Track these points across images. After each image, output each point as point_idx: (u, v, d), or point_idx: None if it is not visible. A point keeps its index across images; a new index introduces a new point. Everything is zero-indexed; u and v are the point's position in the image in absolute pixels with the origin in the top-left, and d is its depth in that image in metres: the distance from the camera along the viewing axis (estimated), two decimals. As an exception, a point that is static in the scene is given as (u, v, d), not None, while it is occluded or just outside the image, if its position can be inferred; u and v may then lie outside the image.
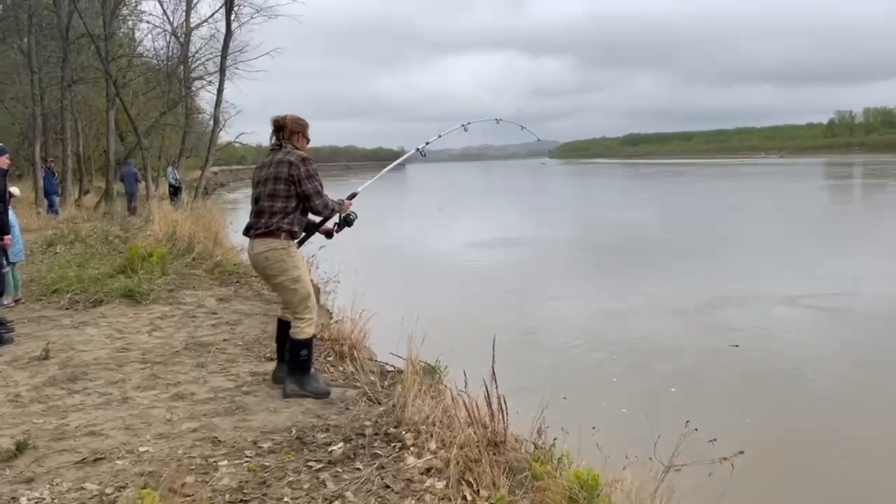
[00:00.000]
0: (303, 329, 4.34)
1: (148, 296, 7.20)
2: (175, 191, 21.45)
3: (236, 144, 36.20)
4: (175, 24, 24.36)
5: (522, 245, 19.49)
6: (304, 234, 4.55)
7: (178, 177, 21.99)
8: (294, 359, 4.36)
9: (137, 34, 27.81)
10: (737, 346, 8.78)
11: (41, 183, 17.16)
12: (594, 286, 13.57)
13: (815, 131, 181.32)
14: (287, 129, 4.37)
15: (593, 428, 3.85)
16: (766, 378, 7.75)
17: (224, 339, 5.71)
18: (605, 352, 8.83)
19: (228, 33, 20.07)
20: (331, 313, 8.54)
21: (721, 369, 8.09)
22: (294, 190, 4.25)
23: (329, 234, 4.75)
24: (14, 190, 8.30)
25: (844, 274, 13.62)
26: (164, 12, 23.87)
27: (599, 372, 8.06)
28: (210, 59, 24.14)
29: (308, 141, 4.53)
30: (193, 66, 24.89)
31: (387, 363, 5.71)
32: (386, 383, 5.21)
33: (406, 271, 15.28)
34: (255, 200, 4.37)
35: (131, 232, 13.69)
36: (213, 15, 23.17)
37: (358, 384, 4.78)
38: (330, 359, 5.20)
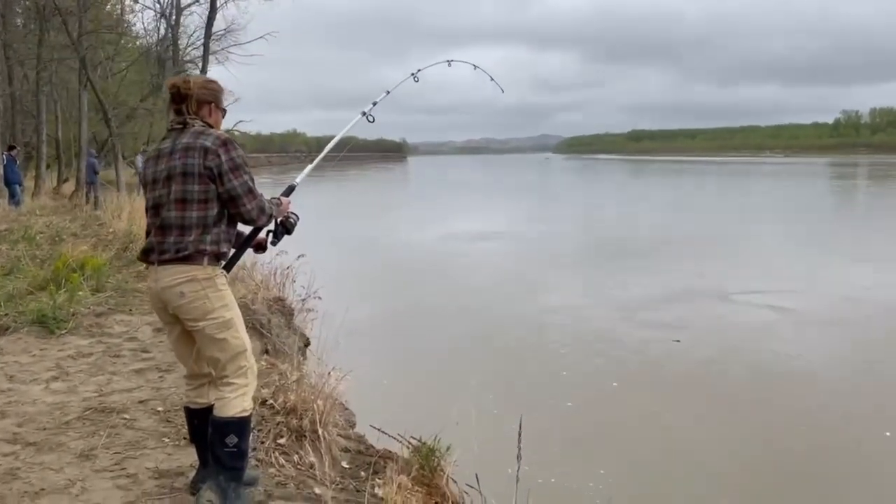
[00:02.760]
0: (231, 402, 2.76)
1: (66, 323, 5.61)
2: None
3: (236, 133, 34.91)
4: (164, 4, 22.84)
5: (507, 240, 20.15)
6: (231, 253, 2.96)
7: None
8: (216, 450, 2.77)
9: (130, 16, 26.27)
10: (678, 341, 9.50)
11: (1, 171, 15.53)
12: (596, 291, 13.42)
13: (820, 131, 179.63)
14: (192, 99, 2.82)
15: None
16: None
17: (140, 402, 4.12)
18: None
19: (213, 10, 18.47)
20: (308, 342, 7.02)
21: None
22: (214, 190, 2.73)
23: (260, 248, 3.14)
24: None
25: (826, 277, 13.88)
26: (154, -9, 22.34)
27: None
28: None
29: (224, 114, 2.99)
30: (186, 49, 23.34)
31: (364, 441, 4.16)
32: (363, 477, 3.66)
33: (387, 273, 15.15)
34: (154, 209, 2.80)
35: (91, 229, 12.15)
36: (204, -5, 21.60)
37: (318, 491, 3.21)
38: (281, 441, 3.62)
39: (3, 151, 15.86)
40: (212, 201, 2.76)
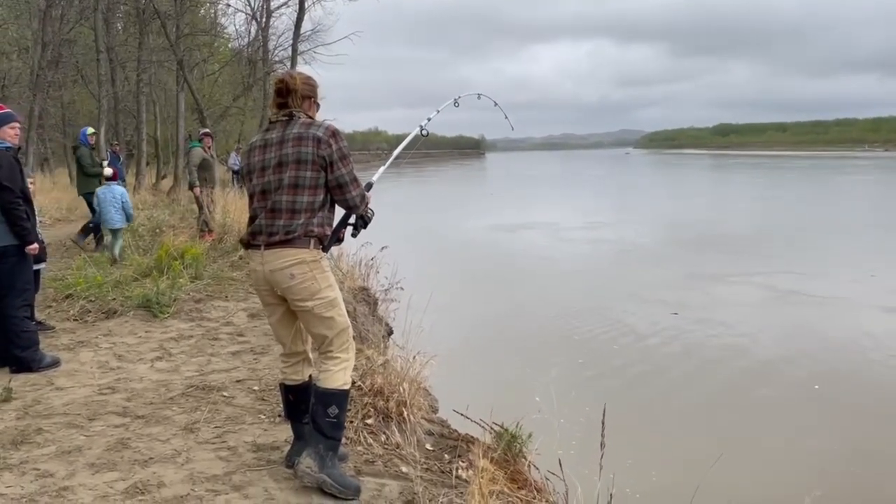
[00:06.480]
0: (335, 374, 2.93)
1: (168, 308, 5.98)
2: (238, 176, 20.80)
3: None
4: (255, 7, 23.70)
5: (586, 232, 20.54)
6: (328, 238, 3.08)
7: (239, 162, 21.30)
8: (317, 419, 2.92)
9: (222, 19, 27.43)
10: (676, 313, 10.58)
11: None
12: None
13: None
14: (297, 93, 2.96)
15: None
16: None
17: (237, 381, 4.36)
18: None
19: (301, 11, 19.01)
20: (391, 331, 7.19)
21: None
22: (324, 177, 2.88)
23: (338, 240, 3.23)
24: (107, 171, 9.00)
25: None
26: (246, -6, 23.17)
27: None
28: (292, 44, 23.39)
29: (318, 108, 3.12)
30: (274, 50, 24.13)
31: (446, 425, 4.25)
32: (446, 459, 3.76)
33: (466, 264, 15.56)
34: (262, 194, 2.94)
35: (188, 221, 12.79)
36: (292, -3, 22.29)
37: (404, 470, 3.32)
38: (369, 422, 3.76)
39: (108, 150, 16.86)
40: (320, 188, 2.90)
